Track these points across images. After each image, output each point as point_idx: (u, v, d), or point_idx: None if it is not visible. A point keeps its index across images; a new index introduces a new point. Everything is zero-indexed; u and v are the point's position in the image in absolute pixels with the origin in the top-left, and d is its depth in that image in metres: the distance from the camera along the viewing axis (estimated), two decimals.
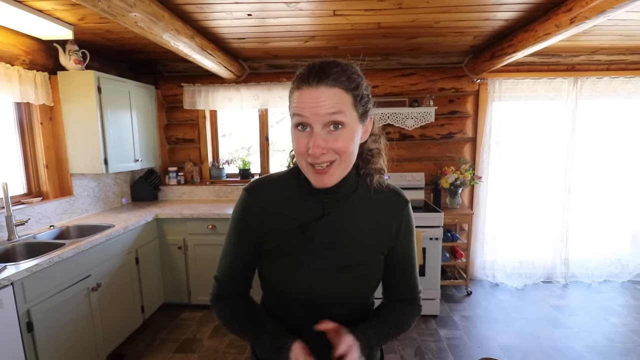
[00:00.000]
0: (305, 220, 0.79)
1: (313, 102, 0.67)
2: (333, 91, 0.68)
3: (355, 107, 0.71)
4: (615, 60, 3.29)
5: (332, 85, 0.68)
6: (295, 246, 0.79)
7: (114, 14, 1.64)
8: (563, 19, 1.97)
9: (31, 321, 1.73)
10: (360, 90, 0.71)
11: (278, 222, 0.80)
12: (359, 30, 2.50)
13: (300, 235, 0.78)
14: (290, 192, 0.81)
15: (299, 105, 0.69)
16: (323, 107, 0.67)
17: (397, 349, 2.50)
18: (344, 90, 0.69)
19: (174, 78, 3.50)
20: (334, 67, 0.69)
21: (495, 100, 3.34)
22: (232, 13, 2.14)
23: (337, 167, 0.72)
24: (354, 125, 0.71)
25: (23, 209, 2.35)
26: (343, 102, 0.68)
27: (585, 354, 2.40)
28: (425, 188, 3.44)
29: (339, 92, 0.68)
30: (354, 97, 0.70)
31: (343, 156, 0.71)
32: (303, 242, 0.79)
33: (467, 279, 3.31)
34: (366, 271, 0.81)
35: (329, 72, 0.68)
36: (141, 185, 3.46)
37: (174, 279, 3.03)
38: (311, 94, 0.68)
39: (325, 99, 0.67)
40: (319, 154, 0.69)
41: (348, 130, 0.70)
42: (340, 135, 0.69)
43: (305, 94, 0.68)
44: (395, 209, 0.83)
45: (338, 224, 0.79)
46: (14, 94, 2.25)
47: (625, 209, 3.53)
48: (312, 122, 0.68)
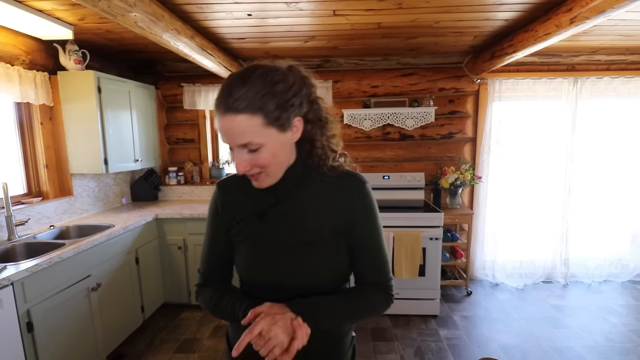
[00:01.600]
0: (261, 208, 0.85)
1: (224, 130, 0.71)
2: (239, 119, 0.69)
3: (269, 124, 0.71)
4: (615, 60, 3.29)
5: (236, 113, 0.69)
6: (254, 232, 0.85)
7: (114, 14, 1.64)
8: (563, 19, 1.97)
9: (31, 321, 1.73)
10: (269, 106, 0.70)
11: (240, 210, 0.87)
12: (359, 30, 2.50)
13: (257, 221, 0.85)
14: (249, 186, 0.85)
15: (218, 127, 0.73)
16: (233, 138, 0.72)
17: (397, 349, 2.50)
18: (250, 115, 0.69)
19: (174, 78, 3.50)
20: (240, 88, 0.69)
21: (495, 100, 3.34)
22: (232, 13, 2.14)
23: (265, 177, 0.78)
24: (273, 139, 0.73)
25: (23, 209, 2.35)
26: (251, 128, 0.70)
27: (585, 354, 2.40)
28: (425, 188, 3.44)
29: (244, 119, 0.69)
30: (264, 117, 0.70)
31: (267, 169, 0.76)
32: (261, 228, 0.84)
33: (467, 279, 3.32)
34: (323, 252, 0.83)
35: (234, 96, 0.69)
36: (141, 185, 3.46)
37: (174, 279, 3.03)
38: (221, 124, 0.71)
39: (232, 128, 0.70)
40: (243, 171, 0.75)
41: (267, 147, 0.73)
42: (260, 154, 0.73)
43: (218, 122, 0.72)
44: (348, 191, 0.85)
45: (292, 209, 0.84)
46: (14, 94, 2.25)
47: (625, 209, 3.52)
48: (230, 144, 0.74)
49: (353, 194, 0.85)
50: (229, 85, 0.71)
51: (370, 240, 0.87)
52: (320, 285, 0.83)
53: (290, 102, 0.73)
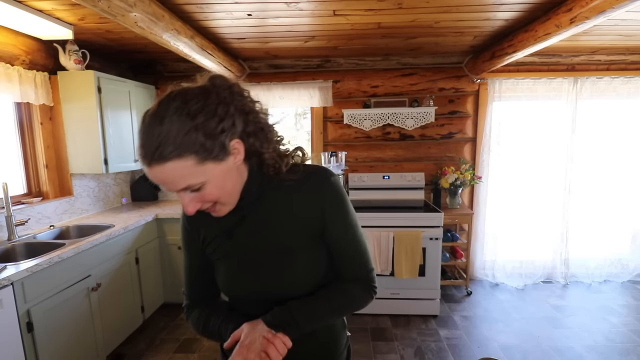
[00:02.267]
0: (228, 226, 0.82)
1: (157, 180, 0.65)
2: (168, 168, 0.62)
3: (203, 160, 0.64)
4: (615, 60, 3.29)
5: (163, 162, 0.61)
6: (226, 250, 0.83)
7: (114, 14, 1.64)
8: (563, 19, 1.97)
9: (31, 321, 1.73)
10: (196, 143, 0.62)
11: (208, 230, 0.85)
12: (359, 30, 2.50)
13: (227, 239, 0.83)
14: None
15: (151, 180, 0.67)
16: (170, 186, 0.66)
17: (397, 349, 2.50)
18: (178, 160, 0.62)
19: (174, 78, 3.50)
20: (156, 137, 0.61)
21: (495, 100, 3.34)
22: (232, 13, 2.14)
23: (221, 206, 0.74)
24: (214, 173, 0.66)
25: (23, 209, 2.35)
26: (185, 173, 0.63)
27: (585, 354, 2.40)
28: (425, 188, 3.44)
29: (173, 165, 0.62)
30: (194, 156, 0.63)
31: (219, 200, 0.71)
32: (232, 245, 0.83)
33: (467, 279, 3.32)
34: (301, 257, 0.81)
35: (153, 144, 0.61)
36: (141, 185, 3.46)
37: (174, 279, 3.03)
38: (151, 174, 0.64)
39: (165, 178, 0.64)
40: (193, 211, 0.69)
41: (210, 183, 0.67)
42: (205, 191, 0.67)
43: (147, 173, 0.65)
44: (313, 191, 0.80)
45: (260, 222, 0.81)
46: (14, 94, 2.25)
47: (625, 208, 3.52)
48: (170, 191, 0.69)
49: (318, 192, 0.80)
50: (146, 130, 0.62)
51: (345, 235, 0.83)
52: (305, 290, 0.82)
53: (219, 129, 0.65)
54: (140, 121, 0.65)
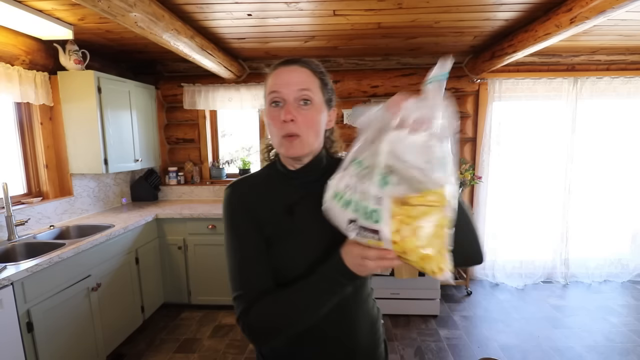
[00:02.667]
0: (288, 203, 0.82)
1: (287, 77, 0.78)
2: (304, 70, 0.79)
3: (322, 90, 0.81)
4: (615, 60, 3.29)
5: (303, 66, 0.79)
6: (286, 229, 0.81)
7: (114, 14, 1.64)
8: (563, 19, 1.97)
9: (31, 321, 1.73)
10: (326, 79, 0.83)
11: (264, 210, 0.82)
12: (359, 30, 2.50)
13: (288, 216, 0.81)
14: (270, 183, 0.86)
15: (274, 82, 0.79)
16: (295, 83, 0.77)
17: (397, 349, 2.50)
18: (313, 73, 0.80)
19: (174, 78, 3.50)
20: (302, 58, 0.81)
21: (495, 100, 3.34)
22: (232, 13, 2.14)
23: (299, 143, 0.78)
24: (321, 105, 0.80)
25: (23, 209, 2.35)
26: (312, 82, 0.79)
27: (585, 354, 2.40)
28: None
29: (309, 72, 0.79)
30: (321, 81, 0.81)
31: (308, 131, 0.78)
32: (292, 223, 0.81)
33: (467, 279, 3.31)
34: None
35: (300, 59, 0.81)
36: (141, 185, 3.46)
37: (174, 279, 3.03)
38: (286, 71, 0.79)
39: (297, 75, 0.78)
40: (290, 119, 0.76)
41: (315, 107, 0.79)
42: (309, 111, 0.78)
43: (280, 72, 0.79)
44: None
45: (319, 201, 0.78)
46: (14, 94, 2.25)
47: (625, 209, 3.52)
48: (285, 96, 0.77)
49: None
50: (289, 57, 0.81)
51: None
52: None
53: (332, 89, 0.85)
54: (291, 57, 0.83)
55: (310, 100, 0.78)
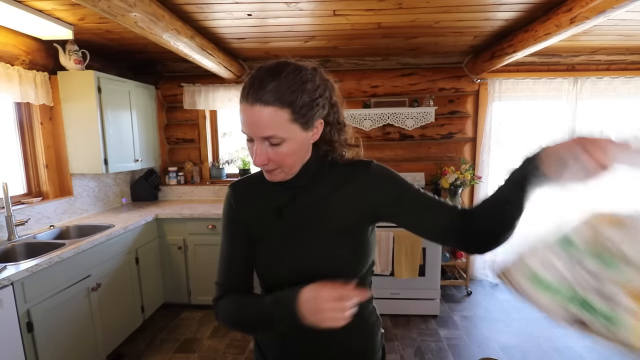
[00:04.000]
0: (278, 204, 0.83)
1: (250, 119, 0.70)
2: (267, 111, 0.68)
3: (295, 121, 0.71)
4: (615, 60, 3.29)
5: (266, 105, 0.68)
6: (275, 229, 0.83)
7: (114, 14, 1.64)
8: (563, 19, 1.97)
9: (31, 321, 1.73)
10: (298, 103, 0.70)
11: (257, 210, 0.86)
12: (359, 30, 2.50)
13: (276, 218, 0.83)
14: (265, 184, 0.85)
15: (242, 118, 0.72)
16: (257, 129, 0.70)
17: (397, 349, 2.50)
18: (278, 109, 0.69)
19: (174, 78, 3.50)
20: (271, 82, 0.69)
21: (495, 100, 3.34)
22: (232, 13, 2.14)
23: (279, 172, 0.77)
24: (296, 136, 0.73)
25: (23, 209, 2.35)
26: (278, 122, 0.69)
27: (585, 354, 2.40)
28: (425, 188, 3.42)
29: (272, 111, 0.68)
30: (291, 112, 0.70)
31: (284, 165, 0.75)
32: (281, 224, 0.83)
33: (467, 279, 3.31)
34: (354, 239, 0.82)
35: (264, 89, 0.68)
36: (141, 185, 3.46)
37: (174, 279, 3.03)
38: (248, 112, 0.70)
39: (259, 119, 0.69)
40: (260, 164, 0.74)
41: (288, 143, 0.72)
42: (281, 149, 0.72)
43: (244, 111, 0.71)
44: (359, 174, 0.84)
45: (310, 203, 0.83)
46: (14, 94, 2.25)
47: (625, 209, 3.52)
48: (253, 137, 0.72)
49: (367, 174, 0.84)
50: (259, 78, 0.70)
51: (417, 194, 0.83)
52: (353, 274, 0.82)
53: (315, 102, 0.74)
54: (254, 72, 0.72)
55: (278, 140, 0.71)
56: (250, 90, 0.69)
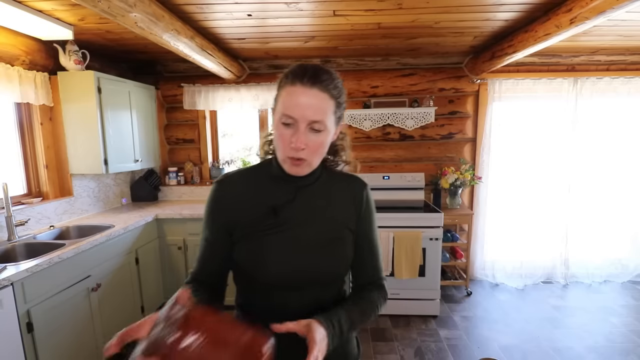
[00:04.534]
0: (276, 203, 0.84)
1: (303, 102, 0.73)
2: (322, 96, 0.74)
3: (335, 113, 0.78)
4: (615, 60, 3.29)
5: (322, 90, 0.74)
6: (268, 228, 0.82)
7: (114, 14, 1.64)
8: (563, 20, 1.97)
9: (31, 321, 1.73)
10: (342, 98, 0.79)
11: (249, 207, 0.84)
12: (359, 31, 2.50)
13: (272, 216, 0.83)
14: (261, 180, 0.87)
15: (289, 103, 0.74)
16: (311, 112, 0.73)
17: (397, 349, 2.50)
18: (330, 97, 0.75)
19: (174, 78, 3.50)
20: (325, 74, 0.75)
21: (495, 100, 3.34)
22: (232, 13, 2.14)
23: (306, 165, 0.80)
24: (331, 128, 0.78)
25: (23, 209, 2.35)
26: (327, 109, 0.75)
27: (585, 354, 2.40)
28: (425, 188, 3.44)
29: (326, 98, 0.74)
30: (336, 104, 0.77)
31: (315, 155, 0.79)
32: (275, 223, 0.83)
33: (467, 279, 3.31)
34: (336, 248, 0.84)
35: (321, 77, 0.74)
36: (141, 185, 3.46)
37: (174, 279, 3.03)
38: (304, 93, 0.73)
39: (315, 101, 0.73)
40: (301, 149, 0.75)
41: (325, 133, 0.77)
42: (319, 137, 0.76)
43: (298, 92, 0.73)
44: (354, 190, 0.90)
45: (306, 206, 0.85)
46: (14, 94, 2.25)
47: (626, 209, 3.52)
48: (298, 122, 0.74)
49: (359, 193, 0.90)
50: (312, 68, 0.75)
51: (373, 241, 0.91)
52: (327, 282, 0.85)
53: (344, 105, 0.81)
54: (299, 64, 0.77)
55: (322, 127, 0.75)
56: (307, 74, 0.73)
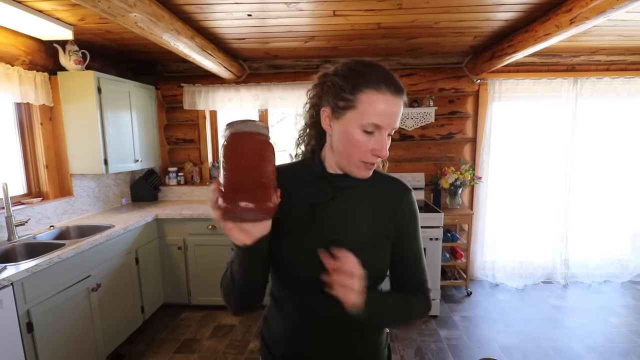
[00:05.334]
0: (316, 201, 0.82)
1: (393, 110, 0.73)
2: (401, 104, 0.75)
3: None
4: (615, 60, 3.29)
5: (402, 98, 0.75)
6: (305, 225, 0.81)
7: (114, 14, 1.64)
8: (563, 20, 1.97)
9: (31, 321, 1.73)
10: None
11: (290, 202, 0.79)
12: (359, 31, 2.50)
13: (310, 214, 0.81)
14: (303, 178, 0.86)
15: (377, 111, 0.72)
16: (394, 120, 0.74)
17: (397, 349, 2.50)
18: (403, 104, 0.76)
19: (174, 78, 3.50)
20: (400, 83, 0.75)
21: (495, 100, 3.34)
22: (232, 13, 2.14)
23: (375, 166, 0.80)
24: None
25: (23, 209, 2.35)
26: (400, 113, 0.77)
27: (585, 354, 2.40)
28: (425, 188, 3.44)
29: (402, 105, 0.76)
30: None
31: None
32: (312, 221, 0.81)
33: (467, 280, 3.31)
34: (372, 253, 0.81)
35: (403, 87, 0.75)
36: (141, 185, 3.46)
37: (174, 279, 3.03)
38: (396, 104, 0.73)
39: (398, 111, 0.74)
40: (385, 155, 0.76)
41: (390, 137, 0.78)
42: (389, 142, 0.77)
43: (388, 101, 0.72)
44: (396, 193, 0.87)
45: (346, 207, 0.83)
46: (14, 94, 2.25)
47: (625, 209, 3.52)
48: (384, 129, 0.74)
49: (401, 197, 0.87)
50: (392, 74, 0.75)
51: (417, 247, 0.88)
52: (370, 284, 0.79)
53: None
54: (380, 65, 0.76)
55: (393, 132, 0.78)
56: (394, 83, 0.73)
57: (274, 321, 0.89)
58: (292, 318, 0.84)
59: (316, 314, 0.82)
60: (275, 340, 0.89)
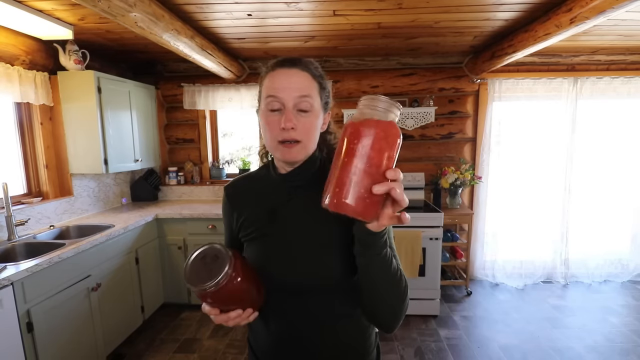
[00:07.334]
0: (273, 205, 0.84)
1: (286, 82, 0.75)
2: (304, 74, 0.77)
3: (320, 94, 0.80)
4: (615, 60, 3.29)
5: (303, 69, 0.77)
6: (266, 230, 0.83)
7: (114, 14, 1.64)
8: (563, 19, 1.97)
9: (31, 321, 1.73)
10: (324, 82, 0.82)
11: (251, 210, 0.87)
12: (359, 30, 2.50)
13: (269, 219, 0.84)
14: (262, 183, 0.89)
15: (273, 86, 0.76)
16: (295, 89, 0.75)
17: (397, 349, 2.50)
18: (312, 77, 0.78)
19: (174, 78, 3.50)
20: (303, 59, 0.79)
21: (495, 100, 3.34)
22: (232, 13, 2.14)
23: (300, 148, 0.79)
24: (318, 111, 0.79)
25: (23, 209, 2.35)
26: (311, 87, 0.77)
27: (585, 354, 2.40)
28: (425, 188, 3.44)
29: (308, 77, 0.77)
30: (319, 85, 0.79)
31: (308, 137, 0.79)
32: (273, 226, 0.83)
33: (467, 279, 3.31)
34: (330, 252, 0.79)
35: (300, 60, 0.78)
36: (141, 185, 3.46)
37: (174, 279, 3.03)
38: (285, 74, 0.76)
39: (297, 79, 0.76)
40: (290, 127, 0.75)
41: (313, 114, 0.78)
42: (307, 117, 0.77)
43: (279, 75, 0.76)
44: None
45: (304, 207, 0.83)
46: (14, 94, 2.25)
47: (625, 208, 3.52)
48: (284, 102, 0.75)
49: None
50: (289, 57, 0.79)
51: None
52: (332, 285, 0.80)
53: (328, 90, 0.83)
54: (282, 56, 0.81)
55: (309, 106, 0.76)
56: (287, 59, 0.77)
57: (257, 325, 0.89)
58: (272, 321, 0.84)
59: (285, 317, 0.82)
60: (259, 345, 0.89)
